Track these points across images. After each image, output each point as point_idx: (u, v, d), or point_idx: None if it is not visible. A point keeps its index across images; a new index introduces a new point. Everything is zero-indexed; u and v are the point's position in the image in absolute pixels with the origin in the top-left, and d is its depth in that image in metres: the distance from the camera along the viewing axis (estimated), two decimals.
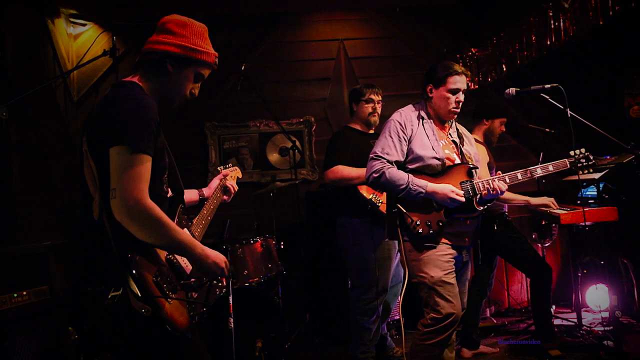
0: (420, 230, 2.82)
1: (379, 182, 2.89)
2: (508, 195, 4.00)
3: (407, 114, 3.02)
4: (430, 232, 2.82)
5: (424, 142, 2.94)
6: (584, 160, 2.96)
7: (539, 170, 2.97)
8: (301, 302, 4.93)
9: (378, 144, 2.98)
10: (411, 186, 2.80)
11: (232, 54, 5.22)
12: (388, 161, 2.90)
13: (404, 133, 2.95)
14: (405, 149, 2.94)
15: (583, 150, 2.99)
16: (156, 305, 1.80)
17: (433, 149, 2.92)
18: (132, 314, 1.79)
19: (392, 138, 2.94)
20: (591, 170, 2.92)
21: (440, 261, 2.82)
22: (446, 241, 2.87)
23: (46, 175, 4.04)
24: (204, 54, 2.04)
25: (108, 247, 1.81)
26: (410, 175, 2.84)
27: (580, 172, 2.93)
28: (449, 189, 2.80)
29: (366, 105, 3.90)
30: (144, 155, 1.79)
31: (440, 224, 2.84)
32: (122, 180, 1.75)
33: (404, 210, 2.85)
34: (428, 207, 2.86)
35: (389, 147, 2.93)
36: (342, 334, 4.25)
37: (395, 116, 3.03)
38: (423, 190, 2.80)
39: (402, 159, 2.94)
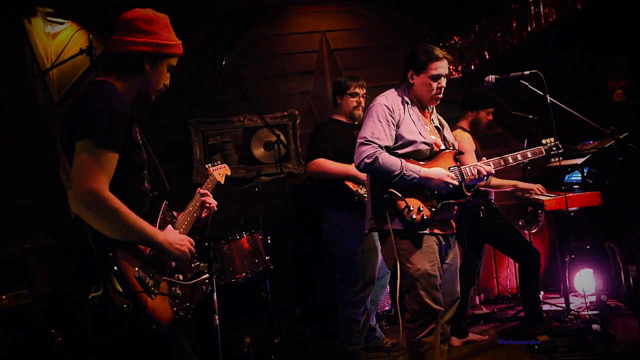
0: (413, 216, 2.71)
1: (372, 168, 2.73)
2: (495, 181, 4.01)
3: (392, 98, 2.90)
4: (424, 218, 2.74)
5: (411, 127, 2.85)
6: (555, 149, 3.02)
7: (518, 157, 2.99)
8: (291, 297, 4.92)
9: (366, 129, 2.82)
10: (405, 171, 2.69)
11: (213, 50, 5.18)
12: (379, 146, 2.76)
13: (392, 117, 2.82)
14: (394, 133, 2.82)
15: (552, 139, 3.05)
16: (138, 300, 1.80)
17: (421, 134, 2.85)
18: (113, 313, 1.78)
19: (380, 122, 2.80)
20: (560, 159, 2.98)
21: (427, 252, 2.77)
22: (436, 230, 2.81)
23: (27, 177, 3.98)
24: (174, 47, 2.06)
25: (87, 246, 1.80)
26: (403, 160, 2.73)
27: (553, 160, 3.00)
28: (445, 173, 2.74)
29: (351, 99, 3.87)
30: (107, 149, 1.79)
31: (433, 209, 2.76)
32: (79, 170, 1.76)
33: (400, 195, 2.72)
34: (420, 193, 2.77)
35: (378, 132, 2.79)
36: (332, 327, 4.23)
37: (381, 100, 2.89)
38: (417, 176, 2.71)
39: (391, 144, 2.82)
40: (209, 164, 2.76)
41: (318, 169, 3.75)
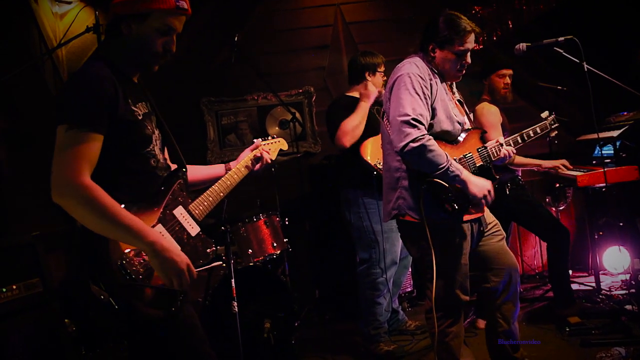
0: (455, 206, 2.45)
1: (415, 153, 2.37)
2: (519, 160, 3.85)
3: (422, 67, 2.52)
4: (464, 207, 2.47)
5: (444, 102, 2.54)
6: (553, 122, 2.91)
7: (530, 133, 2.84)
8: (309, 278, 4.82)
9: (404, 103, 2.41)
10: (450, 167, 2.39)
11: (223, 25, 5.00)
12: (424, 127, 2.41)
13: (428, 90, 2.46)
14: (430, 109, 2.47)
15: (547, 112, 2.97)
16: (126, 294, 1.69)
17: (451, 110, 2.57)
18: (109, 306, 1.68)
19: (418, 95, 2.41)
20: (556, 133, 3.01)
21: (460, 242, 2.56)
22: (470, 216, 2.55)
23: (37, 161, 3.88)
24: (156, 2, 1.82)
25: (87, 234, 1.69)
26: (447, 154, 2.44)
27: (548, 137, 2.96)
28: (487, 187, 2.46)
29: (383, 77, 3.75)
30: (83, 130, 1.67)
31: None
32: (57, 158, 1.65)
33: (446, 185, 2.42)
34: None
35: (420, 108, 2.39)
36: (353, 308, 4.13)
37: (412, 69, 2.49)
38: (459, 175, 2.42)
39: (429, 122, 2.47)
40: (259, 139, 2.62)
41: (346, 134, 3.51)
